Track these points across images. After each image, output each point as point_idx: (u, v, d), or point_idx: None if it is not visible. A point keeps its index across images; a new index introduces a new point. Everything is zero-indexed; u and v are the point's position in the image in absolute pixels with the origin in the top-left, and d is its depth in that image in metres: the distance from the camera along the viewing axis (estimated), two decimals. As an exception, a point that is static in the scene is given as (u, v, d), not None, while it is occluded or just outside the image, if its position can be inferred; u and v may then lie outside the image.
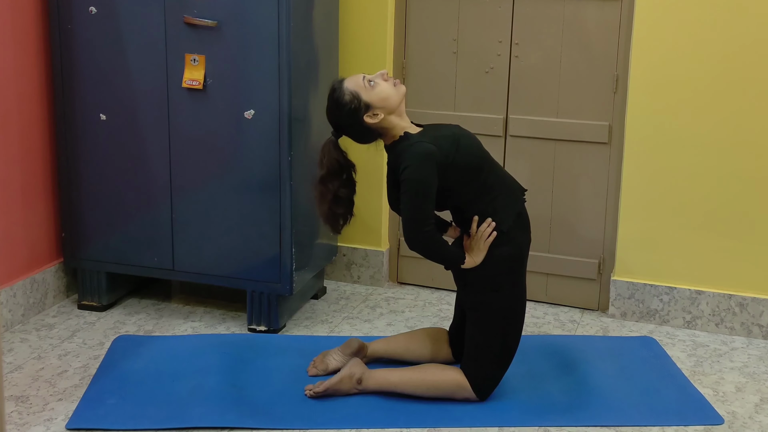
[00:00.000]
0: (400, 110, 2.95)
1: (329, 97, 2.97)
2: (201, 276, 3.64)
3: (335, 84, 2.96)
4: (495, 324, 2.97)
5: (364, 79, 2.92)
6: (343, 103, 2.91)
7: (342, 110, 2.92)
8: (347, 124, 2.95)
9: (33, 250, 3.72)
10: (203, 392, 3.05)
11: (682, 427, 2.94)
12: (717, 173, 3.59)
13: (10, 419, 2.89)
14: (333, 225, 3.03)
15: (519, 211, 2.99)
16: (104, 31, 3.52)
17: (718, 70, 3.52)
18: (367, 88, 2.90)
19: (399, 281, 4.21)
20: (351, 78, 2.95)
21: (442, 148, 2.87)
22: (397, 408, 2.99)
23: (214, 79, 3.44)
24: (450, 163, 2.87)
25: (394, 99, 2.92)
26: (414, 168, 2.84)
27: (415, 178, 2.84)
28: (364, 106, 2.90)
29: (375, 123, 2.92)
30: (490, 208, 2.93)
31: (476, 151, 2.96)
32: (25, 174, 3.65)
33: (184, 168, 3.55)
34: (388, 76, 2.95)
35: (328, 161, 2.96)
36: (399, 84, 2.95)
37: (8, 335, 3.52)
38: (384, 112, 2.91)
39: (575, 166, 3.84)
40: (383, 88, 2.92)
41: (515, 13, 3.81)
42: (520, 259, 3.00)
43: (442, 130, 3.00)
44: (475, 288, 2.99)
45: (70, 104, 3.64)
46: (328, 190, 2.96)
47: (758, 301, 3.63)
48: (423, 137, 2.91)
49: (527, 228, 3.04)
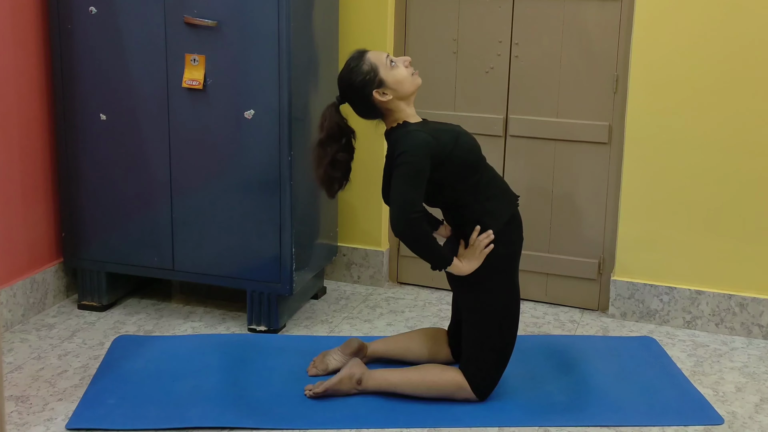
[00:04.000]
0: (409, 99, 2.97)
1: (348, 61, 2.96)
2: (201, 276, 3.64)
3: (357, 52, 2.97)
4: (490, 323, 2.97)
5: (387, 58, 2.93)
6: (359, 71, 2.91)
7: (356, 78, 2.92)
8: (356, 94, 2.95)
9: (33, 250, 3.72)
10: (203, 392, 3.05)
11: (682, 427, 2.94)
12: (717, 173, 3.59)
13: (10, 419, 2.89)
14: (329, 188, 3.00)
15: (512, 213, 2.99)
16: (104, 31, 3.52)
17: (718, 69, 3.52)
18: (387, 67, 2.91)
19: (399, 281, 4.21)
20: (375, 52, 2.96)
21: (440, 140, 2.88)
22: (397, 408, 2.99)
23: (214, 79, 3.44)
24: (447, 156, 2.87)
25: (407, 85, 2.93)
26: (409, 153, 2.84)
27: (407, 161, 2.83)
28: (378, 81, 2.90)
29: (382, 102, 2.92)
30: (484, 208, 2.93)
31: (475, 150, 2.96)
32: (25, 174, 3.65)
33: (184, 168, 3.55)
34: (410, 64, 2.96)
35: (329, 124, 2.95)
36: (417, 75, 2.97)
37: (8, 335, 3.52)
38: (394, 94, 2.92)
39: (575, 166, 3.84)
40: (401, 71, 2.93)
41: (515, 13, 3.81)
42: (512, 259, 3.00)
43: (443, 125, 3.02)
44: (468, 288, 2.99)
45: (70, 104, 3.64)
46: (326, 153, 2.94)
47: (758, 301, 3.63)
48: (422, 127, 2.92)
49: (520, 228, 3.03)
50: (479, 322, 2.98)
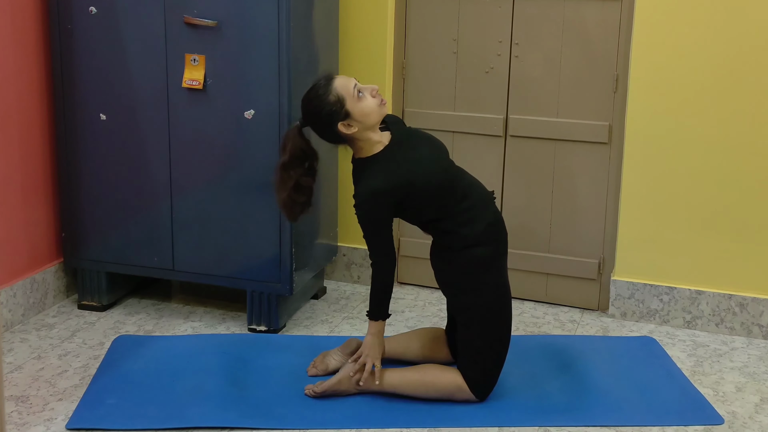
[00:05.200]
0: (375, 127, 2.91)
1: (313, 87, 2.90)
2: (201, 276, 3.64)
3: (324, 78, 2.90)
4: (483, 323, 2.97)
5: (355, 88, 2.86)
6: (326, 101, 2.85)
7: (322, 108, 2.86)
8: (320, 123, 2.90)
9: (33, 250, 3.72)
10: (203, 392, 3.05)
11: (682, 427, 2.94)
12: (717, 173, 3.59)
13: (10, 419, 2.89)
14: (290, 213, 2.99)
15: (490, 218, 2.96)
16: (104, 31, 3.52)
17: (718, 69, 3.51)
18: (355, 98, 2.85)
19: (399, 281, 4.21)
20: (342, 79, 2.88)
21: (398, 180, 2.84)
22: (397, 408, 2.99)
23: (214, 79, 3.44)
24: (408, 192, 2.86)
25: (374, 117, 2.88)
26: (361, 206, 2.86)
27: (361, 214, 2.87)
28: (344, 113, 2.85)
29: (347, 133, 2.89)
30: (461, 220, 2.92)
31: (439, 173, 2.92)
32: (25, 174, 3.65)
33: (184, 168, 3.55)
34: (377, 93, 2.90)
35: (292, 147, 2.91)
36: (384, 105, 2.90)
37: (8, 335, 3.52)
38: (360, 126, 2.87)
39: (575, 166, 3.84)
40: (369, 102, 2.86)
41: (515, 13, 3.80)
42: (497, 257, 2.99)
43: (409, 150, 2.94)
44: (456, 290, 3.00)
45: (70, 104, 3.64)
46: (290, 177, 2.92)
47: (758, 301, 3.63)
48: (384, 164, 2.87)
49: (500, 226, 3.02)
50: (471, 323, 2.98)
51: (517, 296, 4.01)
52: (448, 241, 2.97)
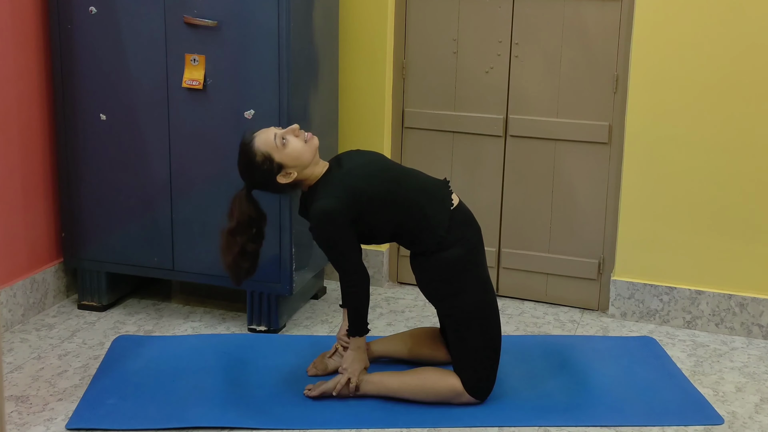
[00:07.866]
0: (315, 160, 2.92)
1: (240, 153, 2.92)
2: (201, 276, 3.64)
3: (245, 142, 2.91)
4: (471, 324, 2.96)
5: (276, 138, 2.86)
6: (255, 164, 2.88)
7: (255, 171, 2.89)
8: (261, 185, 2.94)
9: (33, 250, 3.72)
10: (203, 392, 3.05)
11: (682, 427, 2.94)
12: (718, 173, 3.59)
13: (10, 419, 2.89)
14: (235, 276, 3.02)
15: (450, 215, 2.94)
16: (104, 31, 3.52)
17: (718, 69, 3.51)
18: (279, 148, 2.85)
19: (399, 281, 4.21)
20: (262, 135, 2.89)
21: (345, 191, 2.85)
22: (397, 408, 2.99)
23: (214, 79, 3.44)
24: (360, 199, 2.86)
25: (306, 156, 2.88)
26: (316, 229, 2.87)
27: (317, 235, 2.88)
28: (276, 166, 2.87)
29: (289, 181, 2.90)
30: (424, 225, 2.92)
31: (381, 174, 2.94)
32: (25, 174, 3.65)
33: (184, 168, 3.55)
34: (299, 131, 2.90)
35: (239, 214, 2.95)
36: (311, 138, 2.91)
37: (8, 335, 3.52)
38: (297, 170, 2.89)
39: (575, 166, 3.84)
40: (294, 146, 2.87)
41: (515, 13, 3.81)
42: (473, 255, 2.97)
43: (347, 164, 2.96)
44: (438, 294, 2.99)
45: (70, 104, 3.64)
46: (235, 243, 2.95)
47: (758, 301, 3.63)
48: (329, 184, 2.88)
49: (471, 222, 3.01)
50: (459, 324, 2.97)
51: (517, 296, 4.02)
52: (418, 250, 2.97)
